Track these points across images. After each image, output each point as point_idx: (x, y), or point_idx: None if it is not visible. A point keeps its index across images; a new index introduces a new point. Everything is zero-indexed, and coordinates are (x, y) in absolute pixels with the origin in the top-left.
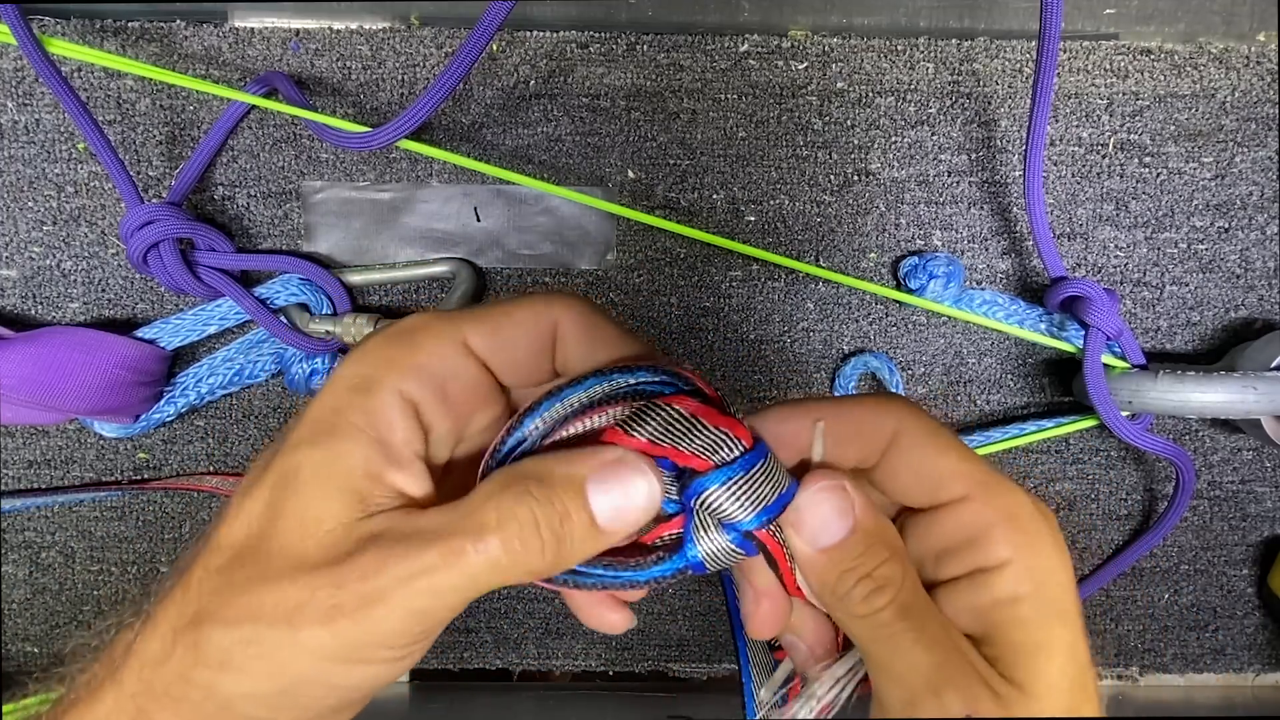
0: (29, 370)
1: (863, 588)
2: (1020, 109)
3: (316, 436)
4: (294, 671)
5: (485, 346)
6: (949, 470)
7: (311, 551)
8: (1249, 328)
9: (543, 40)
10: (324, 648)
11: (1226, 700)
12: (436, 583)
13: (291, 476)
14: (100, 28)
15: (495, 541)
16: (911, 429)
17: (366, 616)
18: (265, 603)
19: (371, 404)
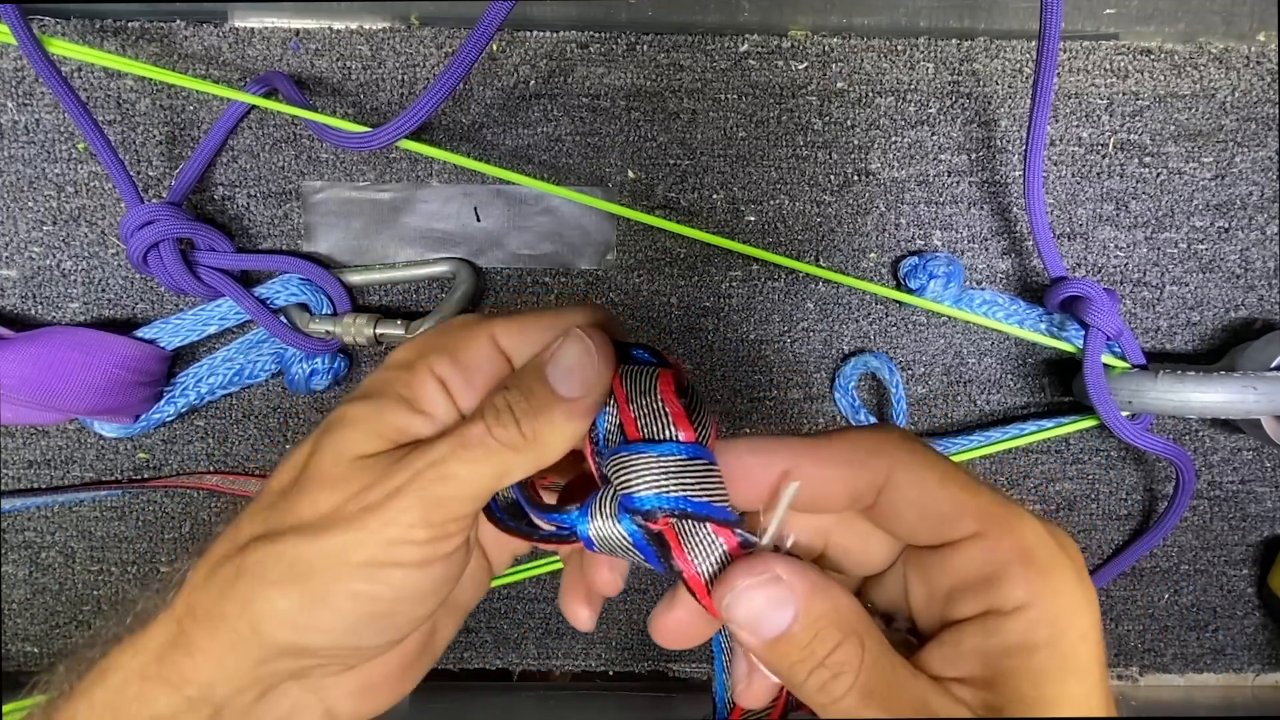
0: (29, 370)
1: (817, 677)
2: (1020, 109)
3: (363, 396)
4: (322, 579)
5: (510, 343)
6: (955, 506)
7: (342, 473)
8: (1249, 328)
9: (543, 40)
10: (349, 549)
11: (1226, 700)
12: (445, 470)
13: (336, 423)
14: (100, 28)
15: (479, 425)
16: (907, 464)
17: (387, 508)
18: (302, 516)
19: (412, 379)
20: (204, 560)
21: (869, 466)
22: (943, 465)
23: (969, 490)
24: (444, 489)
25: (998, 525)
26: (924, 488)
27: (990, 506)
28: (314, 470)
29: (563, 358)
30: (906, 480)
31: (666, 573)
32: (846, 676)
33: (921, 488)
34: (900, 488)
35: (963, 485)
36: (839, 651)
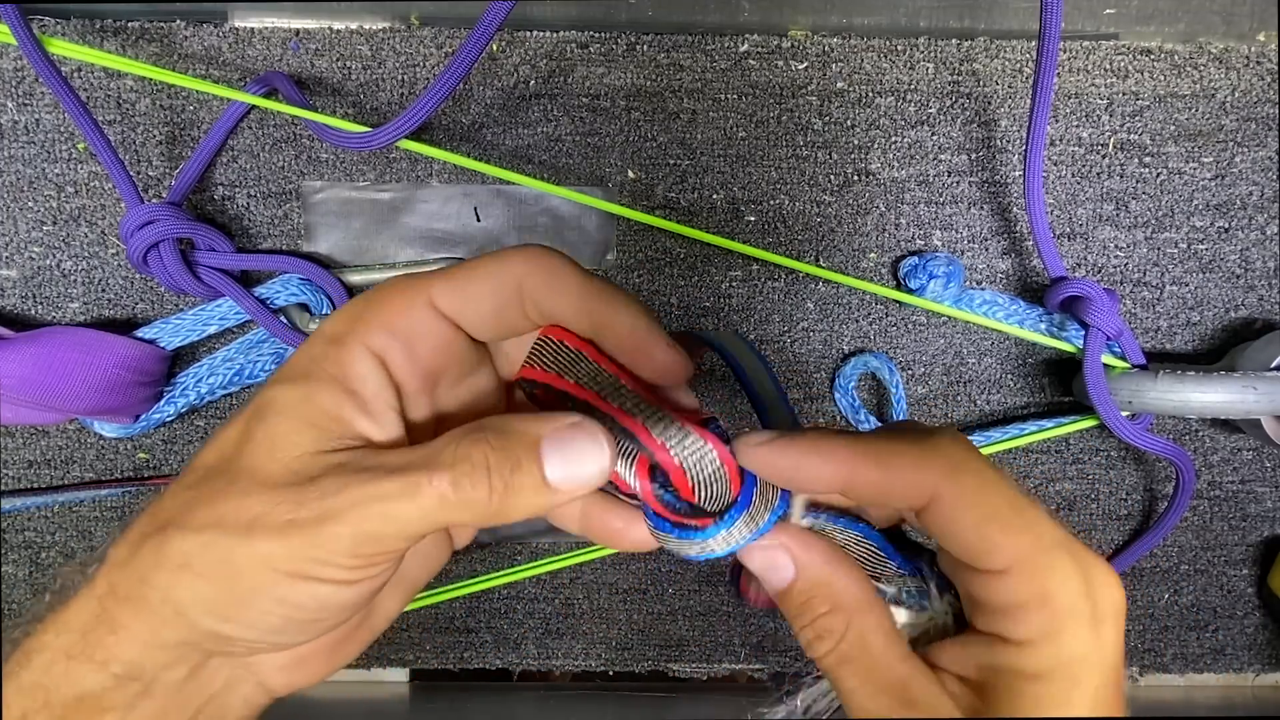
0: (29, 370)
1: (805, 633)
2: (1020, 109)
3: (292, 378)
4: (247, 580)
5: (451, 305)
6: (989, 543)
7: (276, 472)
8: (1249, 328)
9: (543, 40)
10: (276, 557)
11: (1226, 700)
12: (390, 509)
13: (265, 408)
14: (100, 28)
15: (447, 477)
16: (950, 493)
17: (319, 531)
18: (227, 512)
19: (343, 355)
20: (125, 536)
21: (915, 484)
22: (988, 494)
23: (1008, 530)
24: (382, 527)
25: (1025, 569)
26: (963, 519)
27: (1025, 547)
28: (245, 462)
29: (569, 446)
30: (949, 507)
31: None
32: (827, 640)
33: (961, 518)
34: (943, 511)
35: (1003, 525)
36: (824, 619)
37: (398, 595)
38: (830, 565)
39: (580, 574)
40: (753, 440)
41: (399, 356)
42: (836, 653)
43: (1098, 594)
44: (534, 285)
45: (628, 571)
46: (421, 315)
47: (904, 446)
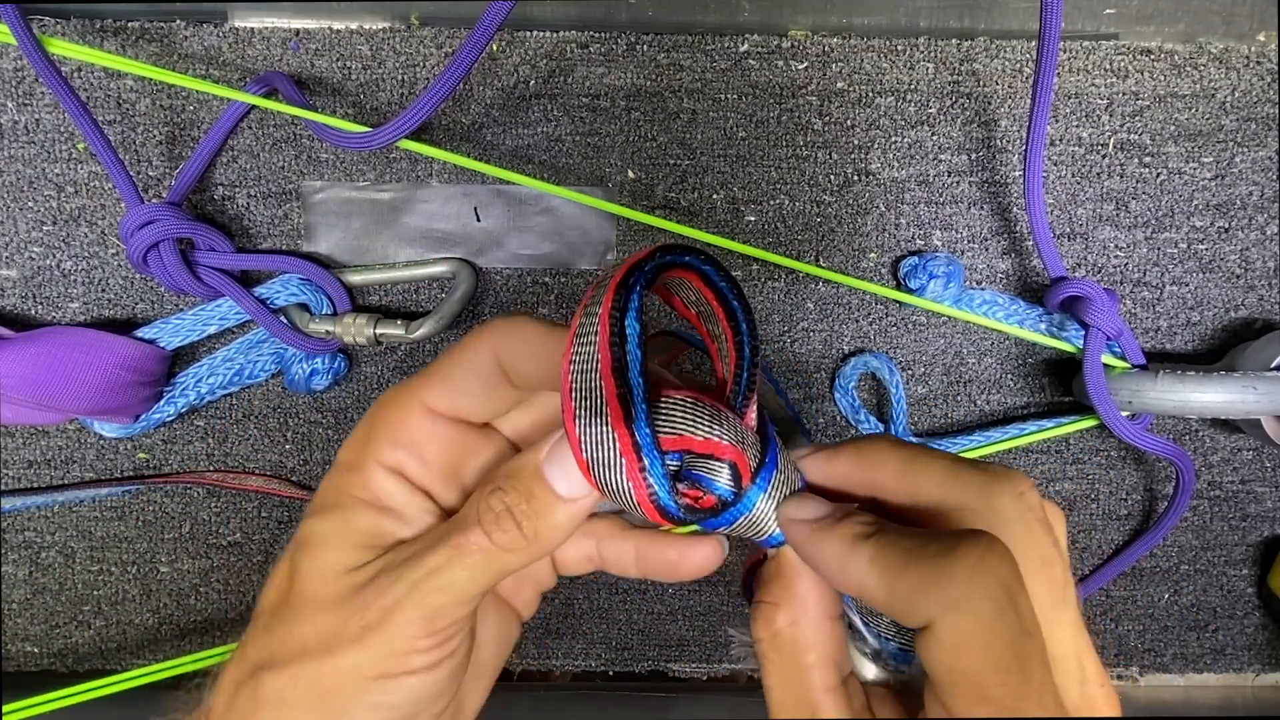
0: (29, 370)
1: (756, 609)
2: (1020, 109)
3: (325, 509)
4: (340, 696)
5: (443, 404)
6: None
7: (333, 591)
8: (1249, 328)
9: (543, 40)
10: (361, 666)
11: (1226, 700)
12: (443, 579)
13: (306, 543)
14: (100, 28)
15: (478, 532)
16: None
17: (390, 624)
18: (305, 639)
19: (364, 479)
20: (219, 688)
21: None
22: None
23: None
24: (443, 598)
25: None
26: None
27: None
28: (302, 591)
29: (563, 457)
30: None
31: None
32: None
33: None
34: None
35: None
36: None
37: (479, 686)
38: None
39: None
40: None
41: (413, 465)
42: (768, 643)
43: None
44: (508, 356)
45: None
46: (421, 423)
47: (917, 560)
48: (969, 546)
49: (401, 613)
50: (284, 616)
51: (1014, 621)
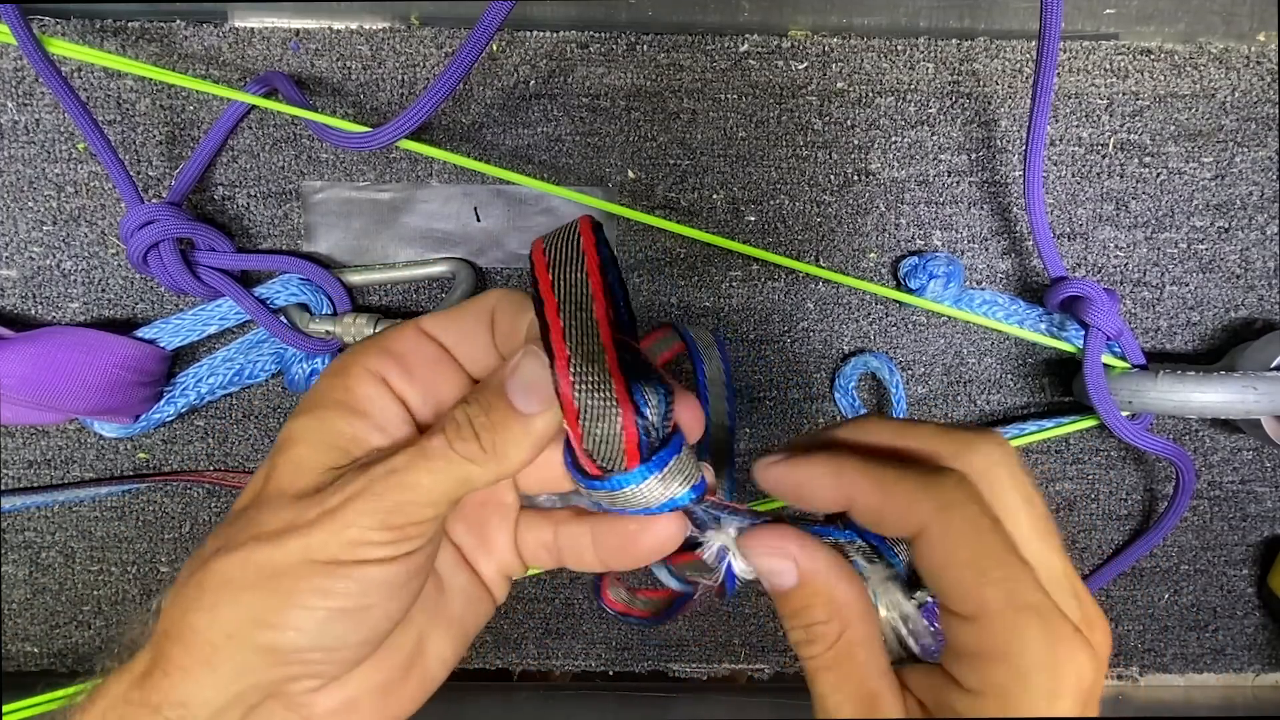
0: (29, 370)
1: (797, 634)
2: (1020, 109)
3: (306, 410)
4: (287, 578)
5: (435, 327)
6: (961, 588)
7: (302, 488)
8: (1249, 328)
9: (543, 40)
10: (311, 548)
11: (1226, 700)
12: (404, 479)
13: (285, 442)
14: (100, 28)
15: (440, 438)
16: (936, 531)
17: (345, 512)
18: (263, 527)
19: (347, 382)
20: (172, 585)
21: (907, 517)
22: (969, 544)
23: (982, 579)
24: (403, 495)
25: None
26: (941, 561)
27: (994, 602)
28: (272, 487)
29: (522, 373)
30: (932, 544)
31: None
32: (818, 645)
33: (938, 560)
34: (927, 547)
35: (978, 572)
36: (820, 626)
37: (448, 638)
38: (833, 574)
39: (580, 574)
40: (767, 460)
41: (396, 374)
42: (824, 658)
43: (1061, 666)
44: (501, 315)
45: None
46: (411, 335)
47: (909, 475)
48: (950, 471)
49: (359, 502)
50: (249, 513)
51: (997, 524)
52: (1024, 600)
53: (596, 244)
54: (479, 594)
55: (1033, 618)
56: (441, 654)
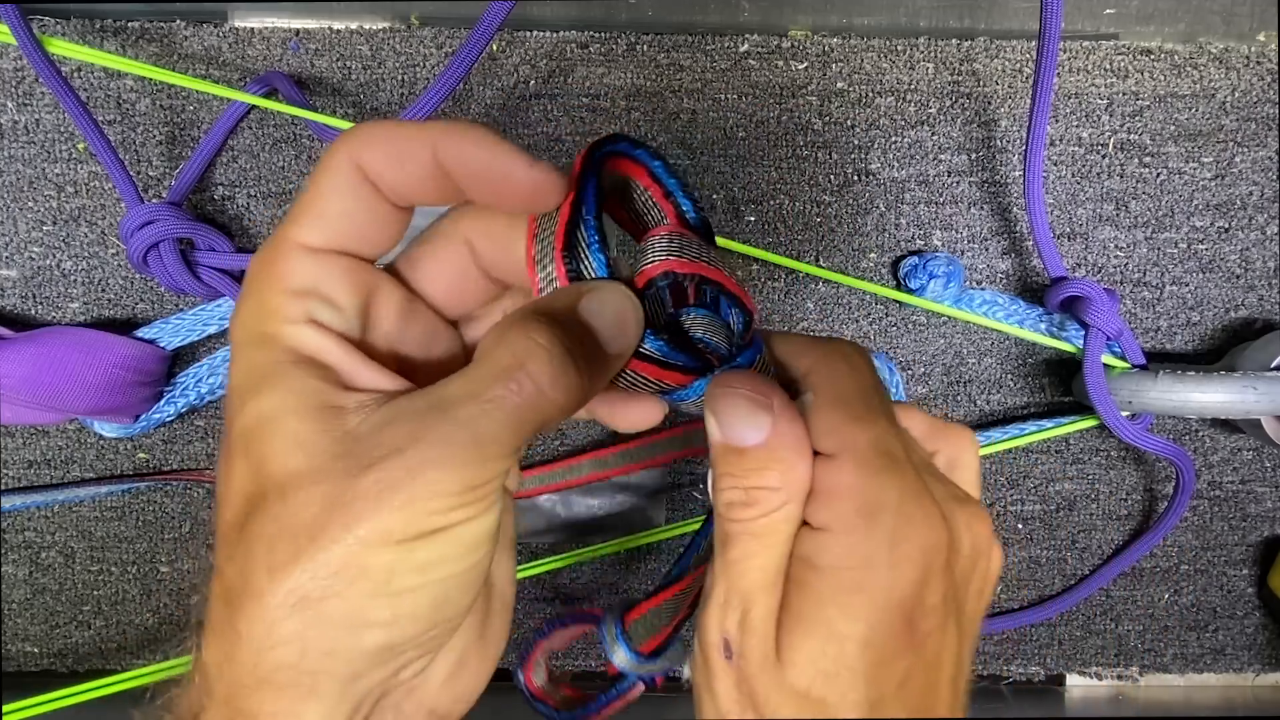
0: (29, 370)
1: (731, 494)
2: (1020, 109)
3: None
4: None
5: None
6: (828, 423)
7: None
8: (1249, 328)
9: (543, 40)
10: (393, 527)
11: (1226, 700)
12: (481, 430)
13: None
14: (100, 28)
15: (523, 379)
16: (822, 372)
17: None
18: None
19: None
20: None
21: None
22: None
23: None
24: (481, 451)
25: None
26: (817, 403)
27: (858, 443)
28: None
29: (611, 313)
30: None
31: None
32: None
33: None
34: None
35: (848, 413)
36: (764, 491)
37: (504, 556)
38: (803, 444)
39: (580, 574)
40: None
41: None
42: (756, 524)
43: (913, 521)
44: (371, 165)
45: (628, 571)
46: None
47: (806, 336)
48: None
49: (428, 467)
50: (262, 519)
51: (879, 386)
52: (888, 448)
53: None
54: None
55: (895, 467)
56: (506, 572)
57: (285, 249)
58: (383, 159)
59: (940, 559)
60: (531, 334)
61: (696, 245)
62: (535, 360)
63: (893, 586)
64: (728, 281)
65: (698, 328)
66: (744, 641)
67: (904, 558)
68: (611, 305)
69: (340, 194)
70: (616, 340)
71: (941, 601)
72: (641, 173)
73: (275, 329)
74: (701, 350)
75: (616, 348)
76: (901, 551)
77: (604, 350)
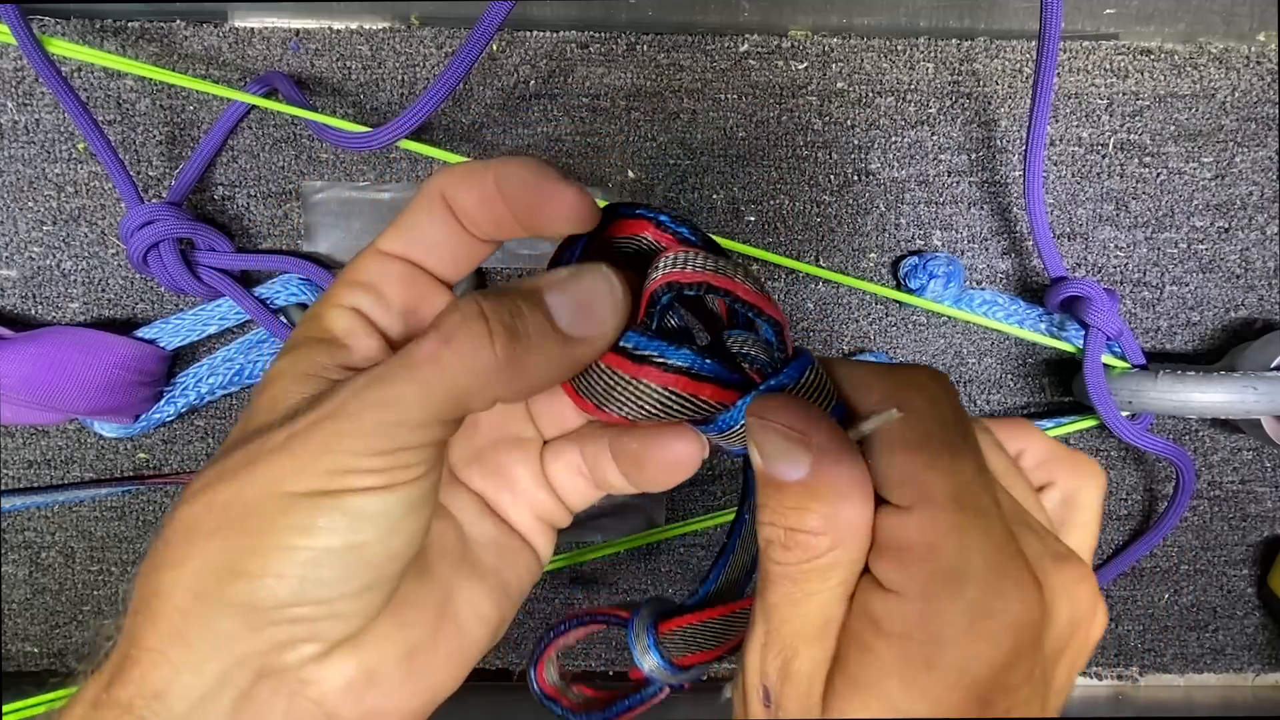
0: (29, 370)
1: (770, 531)
2: (1020, 109)
3: (283, 353)
4: (259, 516)
5: (397, 245)
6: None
7: (279, 415)
8: (1249, 328)
9: (543, 40)
10: (285, 478)
11: (1226, 700)
12: (386, 393)
13: (263, 383)
14: (100, 28)
15: (431, 341)
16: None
17: (320, 432)
18: (227, 464)
19: (319, 320)
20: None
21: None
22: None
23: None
24: (385, 413)
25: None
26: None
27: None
28: (246, 428)
29: (574, 286)
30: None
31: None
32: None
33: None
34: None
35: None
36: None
37: (484, 592)
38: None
39: (580, 574)
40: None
41: (369, 303)
42: (796, 569)
43: (1006, 589)
44: (454, 195)
45: (628, 571)
46: (374, 264)
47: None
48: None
49: (334, 423)
50: (219, 458)
51: (965, 423)
52: (974, 500)
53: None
54: (514, 545)
55: (981, 524)
56: (478, 609)
57: (366, 252)
58: (458, 185)
59: (1030, 635)
60: (460, 304)
61: (703, 258)
62: (449, 328)
63: (969, 667)
64: (738, 287)
65: (735, 344)
66: (783, 691)
67: (986, 635)
68: (578, 285)
69: (422, 214)
70: (578, 322)
71: (1025, 680)
72: (646, 226)
73: (321, 310)
74: (742, 367)
75: (578, 330)
76: (984, 628)
77: (555, 330)
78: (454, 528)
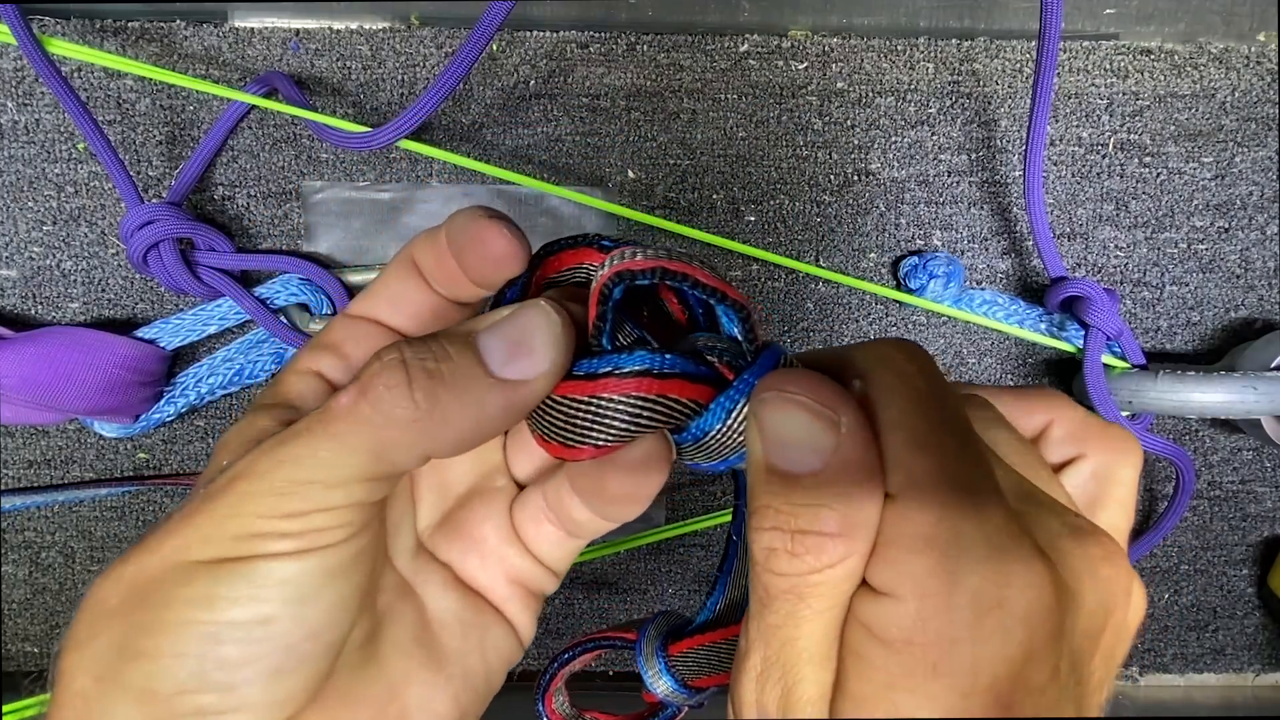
0: (29, 370)
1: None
2: (1020, 109)
3: (239, 421)
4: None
5: (362, 307)
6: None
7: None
8: (1249, 328)
9: (543, 40)
10: (188, 547)
11: (1226, 700)
12: (299, 449)
13: (212, 453)
14: (100, 28)
15: (352, 390)
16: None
17: (227, 496)
18: (150, 533)
19: (276, 389)
20: None
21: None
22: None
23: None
24: (296, 471)
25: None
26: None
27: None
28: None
29: (509, 328)
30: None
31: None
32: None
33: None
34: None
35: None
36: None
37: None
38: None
39: (580, 574)
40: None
41: (330, 364)
42: (803, 580)
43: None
44: (418, 250)
45: (628, 571)
46: (340, 325)
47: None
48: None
49: (243, 484)
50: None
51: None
52: (966, 479)
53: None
54: (481, 620)
55: (977, 505)
56: (433, 707)
57: (334, 318)
58: (421, 244)
59: (1048, 624)
60: (380, 352)
61: (654, 249)
62: (366, 378)
63: (980, 668)
64: (697, 272)
65: (699, 343)
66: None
67: (996, 629)
68: (511, 323)
69: (392, 276)
70: (514, 363)
71: (1050, 678)
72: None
73: (281, 376)
74: (709, 360)
75: (515, 371)
76: (991, 622)
77: (486, 374)
78: (415, 608)
